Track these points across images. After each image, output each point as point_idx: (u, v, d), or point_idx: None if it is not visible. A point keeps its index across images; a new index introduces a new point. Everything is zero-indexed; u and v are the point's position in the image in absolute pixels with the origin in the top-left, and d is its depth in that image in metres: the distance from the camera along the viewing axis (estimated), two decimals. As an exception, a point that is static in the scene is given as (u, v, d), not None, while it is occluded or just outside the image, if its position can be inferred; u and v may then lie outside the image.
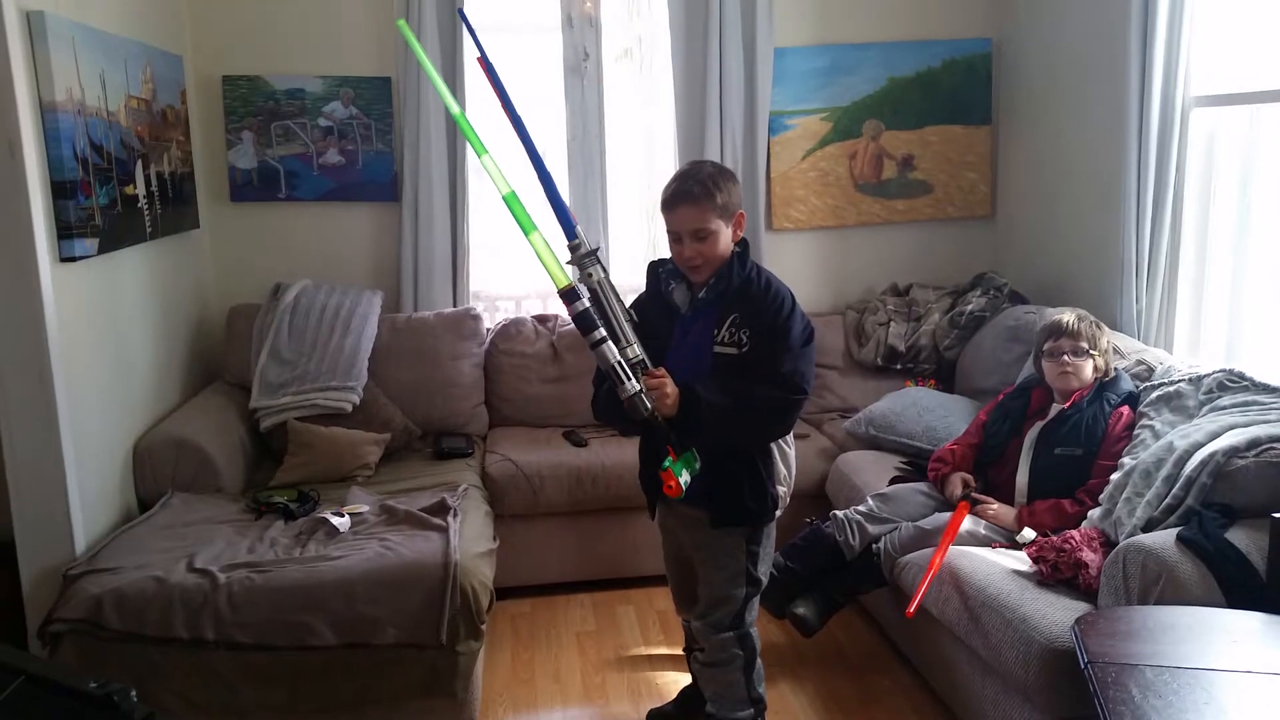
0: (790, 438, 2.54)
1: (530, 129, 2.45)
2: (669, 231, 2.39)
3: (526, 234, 2.27)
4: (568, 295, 2.23)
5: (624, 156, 4.46)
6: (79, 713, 1.09)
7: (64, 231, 2.83)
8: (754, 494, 2.40)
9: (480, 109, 4.23)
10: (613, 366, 2.19)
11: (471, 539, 2.91)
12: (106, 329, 3.16)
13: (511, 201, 2.26)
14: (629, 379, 2.20)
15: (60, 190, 2.81)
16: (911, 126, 4.46)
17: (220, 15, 4.03)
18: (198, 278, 4.05)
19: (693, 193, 2.31)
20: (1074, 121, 3.97)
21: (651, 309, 2.47)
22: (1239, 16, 3.24)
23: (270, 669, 2.62)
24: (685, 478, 2.25)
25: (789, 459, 2.56)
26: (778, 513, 2.49)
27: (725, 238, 2.35)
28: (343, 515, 3.02)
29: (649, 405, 2.21)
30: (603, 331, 2.21)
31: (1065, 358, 2.99)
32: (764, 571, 2.50)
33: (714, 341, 2.34)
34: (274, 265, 4.13)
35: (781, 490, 2.51)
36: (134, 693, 1.08)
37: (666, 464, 2.24)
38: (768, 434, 2.41)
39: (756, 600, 2.51)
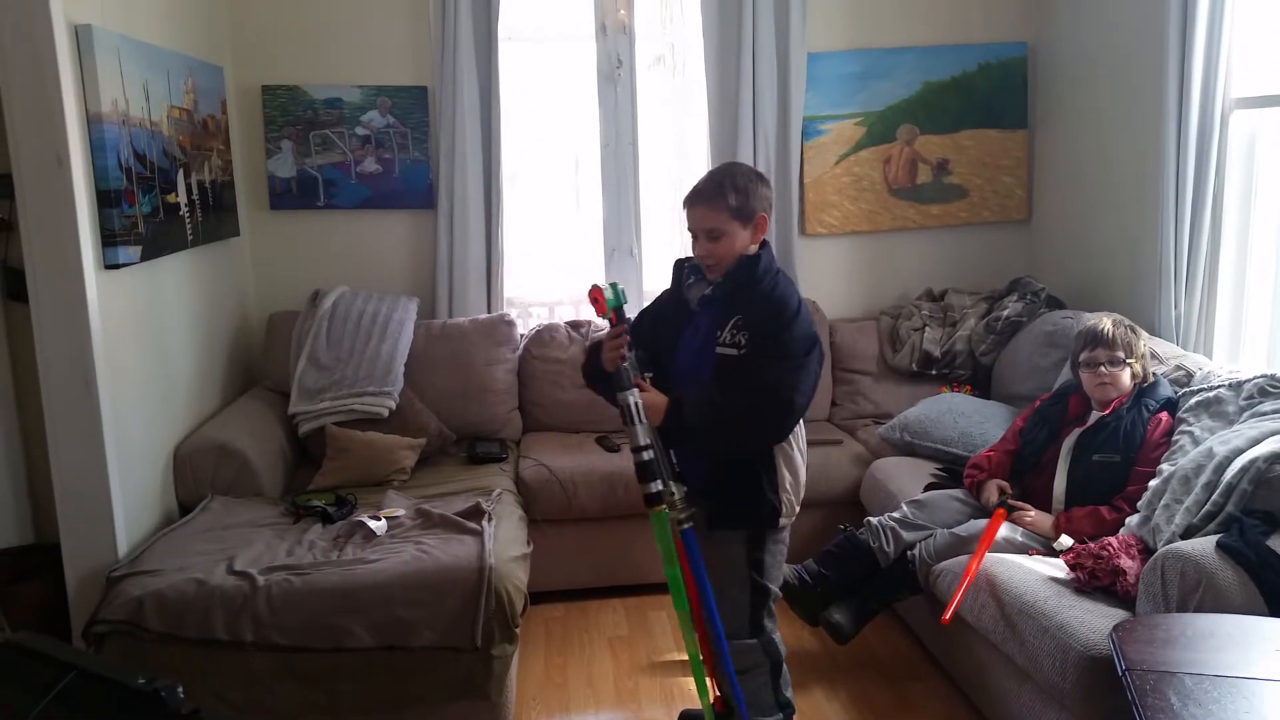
0: (799, 447, 2.46)
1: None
2: (689, 229, 2.44)
3: None
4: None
5: (657, 162, 4.48)
6: (128, 707, 1.11)
7: (108, 239, 2.88)
8: (752, 497, 2.39)
9: (515, 125, 4.28)
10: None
11: (506, 543, 2.93)
12: (149, 335, 3.21)
13: None
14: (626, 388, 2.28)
15: (105, 199, 2.87)
16: (946, 130, 4.44)
17: (260, 26, 4.10)
18: (238, 285, 4.11)
19: (706, 193, 2.36)
20: (1111, 124, 3.93)
21: (669, 304, 2.55)
22: (1280, 17, 3.21)
23: (308, 671, 2.65)
24: (609, 296, 2.32)
25: (796, 465, 2.45)
26: (782, 521, 2.43)
27: (741, 240, 2.36)
28: (379, 519, 3.05)
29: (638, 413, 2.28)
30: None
31: (1102, 369, 2.96)
32: (772, 579, 2.46)
33: (716, 341, 2.36)
34: (312, 272, 4.18)
35: (787, 498, 2.43)
36: (181, 689, 1.10)
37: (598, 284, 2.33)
38: (754, 444, 2.38)
39: (773, 606, 2.49)
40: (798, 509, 2.46)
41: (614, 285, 2.36)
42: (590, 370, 2.53)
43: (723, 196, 2.33)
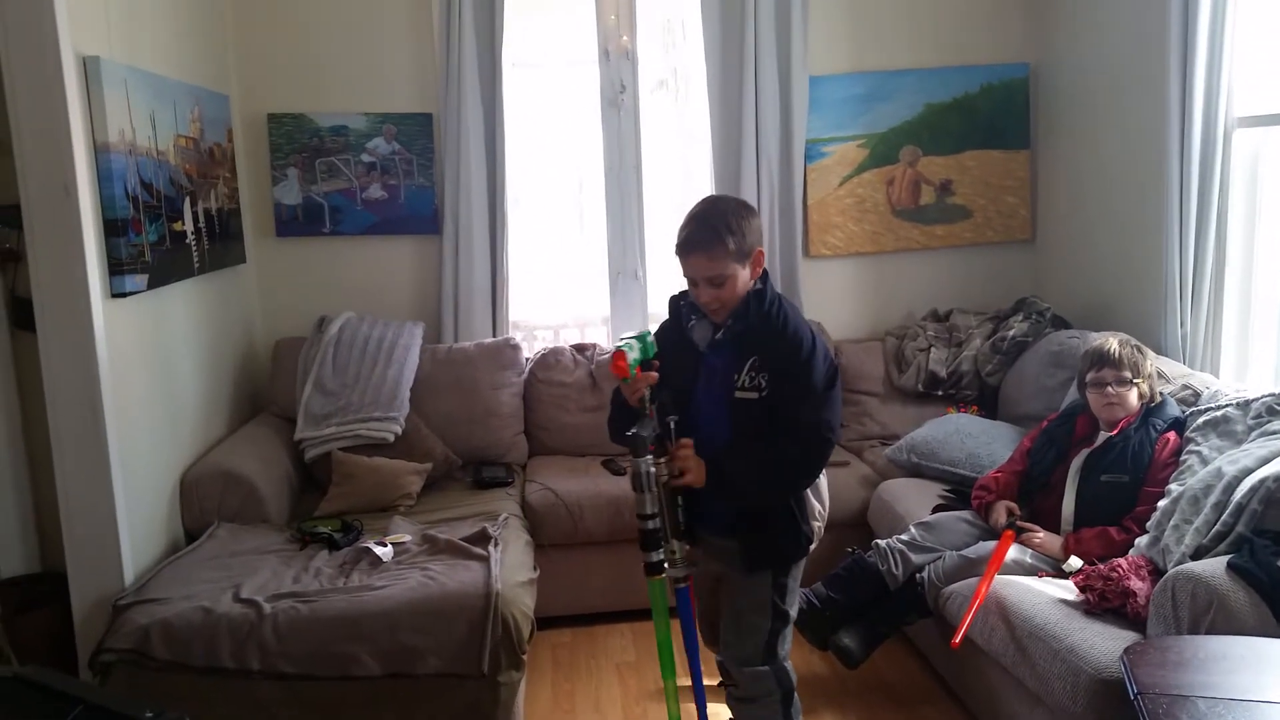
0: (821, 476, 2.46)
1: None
2: (686, 275, 2.33)
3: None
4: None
5: (661, 186, 4.50)
6: (134, 741, 1.11)
7: (115, 268, 2.90)
8: (787, 533, 2.35)
9: (520, 150, 4.30)
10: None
11: (512, 568, 2.92)
12: (155, 362, 3.22)
13: None
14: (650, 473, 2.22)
15: (112, 228, 2.89)
16: (949, 151, 4.45)
17: (266, 55, 4.13)
18: (244, 312, 4.12)
19: (704, 241, 2.23)
20: (1114, 144, 3.94)
21: (673, 343, 2.42)
22: (1281, 36, 3.22)
23: (315, 699, 2.64)
24: (634, 355, 2.21)
25: (821, 491, 2.49)
26: (811, 548, 2.43)
27: (743, 279, 2.26)
28: (386, 545, 3.05)
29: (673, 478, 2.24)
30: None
31: (1109, 389, 2.96)
32: (791, 604, 2.44)
33: (734, 387, 2.27)
34: (318, 298, 4.20)
35: (816, 525, 2.45)
36: (187, 721, 1.10)
37: (620, 344, 2.21)
38: (796, 488, 2.34)
39: (789, 633, 2.46)
40: (822, 533, 2.47)
41: (643, 336, 2.28)
42: (617, 427, 2.41)
43: (721, 242, 2.21)
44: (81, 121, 2.77)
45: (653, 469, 2.21)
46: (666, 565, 2.30)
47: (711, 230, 2.22)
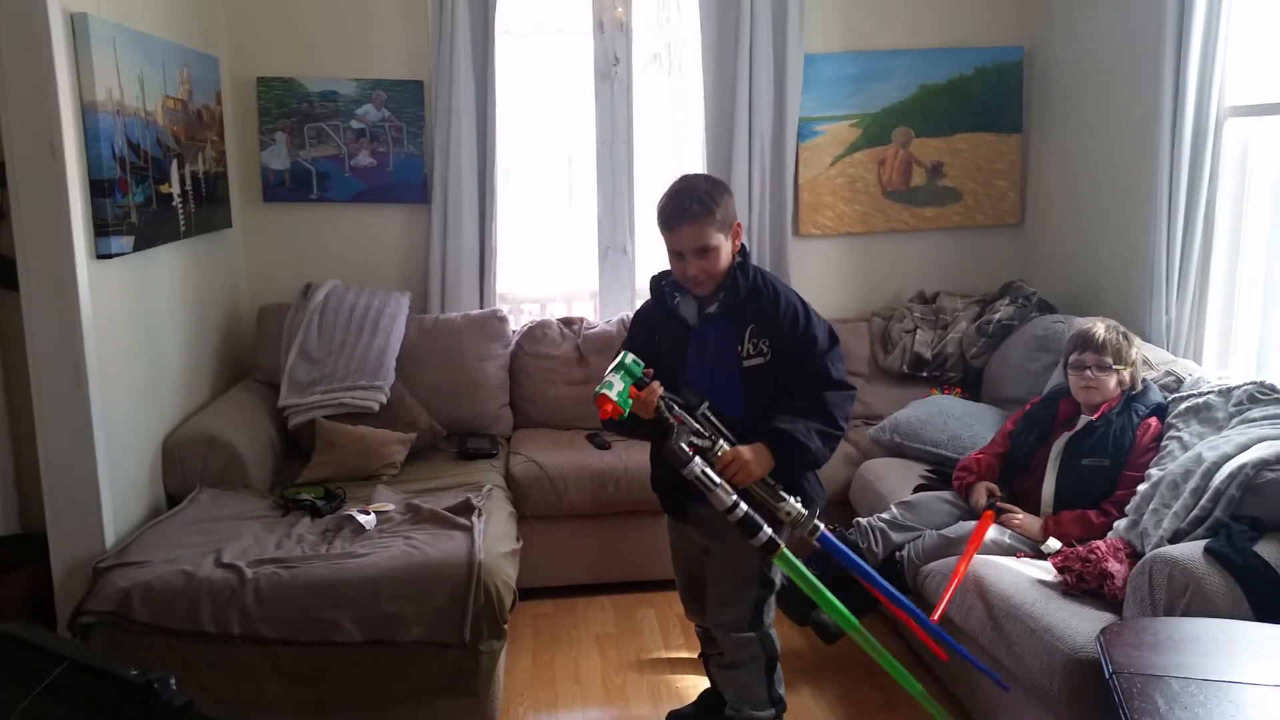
0: None
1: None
2: (670, 250, 2.39)
3: None
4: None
5: (652, 161, 4.48)
6: (120, 699, 1.11)
7: (101, 229, 2.87)
8: (817, 481, 2.51)
9: (511, 121, 4.27)
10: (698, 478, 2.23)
11: (495, 539, 2.93)
12: (139, 325, 3.20)
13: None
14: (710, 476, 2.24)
15: (98, 189, 2.86)
16: (941, 134, 4.45)
17: (256, 18, 4.09)
18: (229, 276, 4.10)
19: (693, 211, 2.30)
20: (1105, 130, 3.95)
21: (659, 322, 2.48)
22: (1275, 25, 3.22)
23: (296, 665, 2.64)
24: (619, 388, 2.21)
25: None
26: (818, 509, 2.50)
27: (726, 251, 2.36)
28: (369, 513, 3.05)
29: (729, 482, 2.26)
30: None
31: (1088, 372, 2.98)
32: (777, 573, 2.50)
33: (741, 356, 2.37)
34: (304, 265, 4.17)
35: (817, 492, 2.54)
36: (174, 681, 1.10)
37: (599, 389, 2.21)
38: (843, 436, 2.45)
39: (773, 602, 2.53)
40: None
41: (621, 361, 2.28)
42: (654, 449, 2.53)
43: (709, 212, 2.30)
44: (69, 79, 2.73)
45: (705, 470, 2.22)
46: (792, 528, 2.37)
47: (698, 202, 2.32)
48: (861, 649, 2.52)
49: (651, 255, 4.37)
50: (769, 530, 2.29)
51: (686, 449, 2.22)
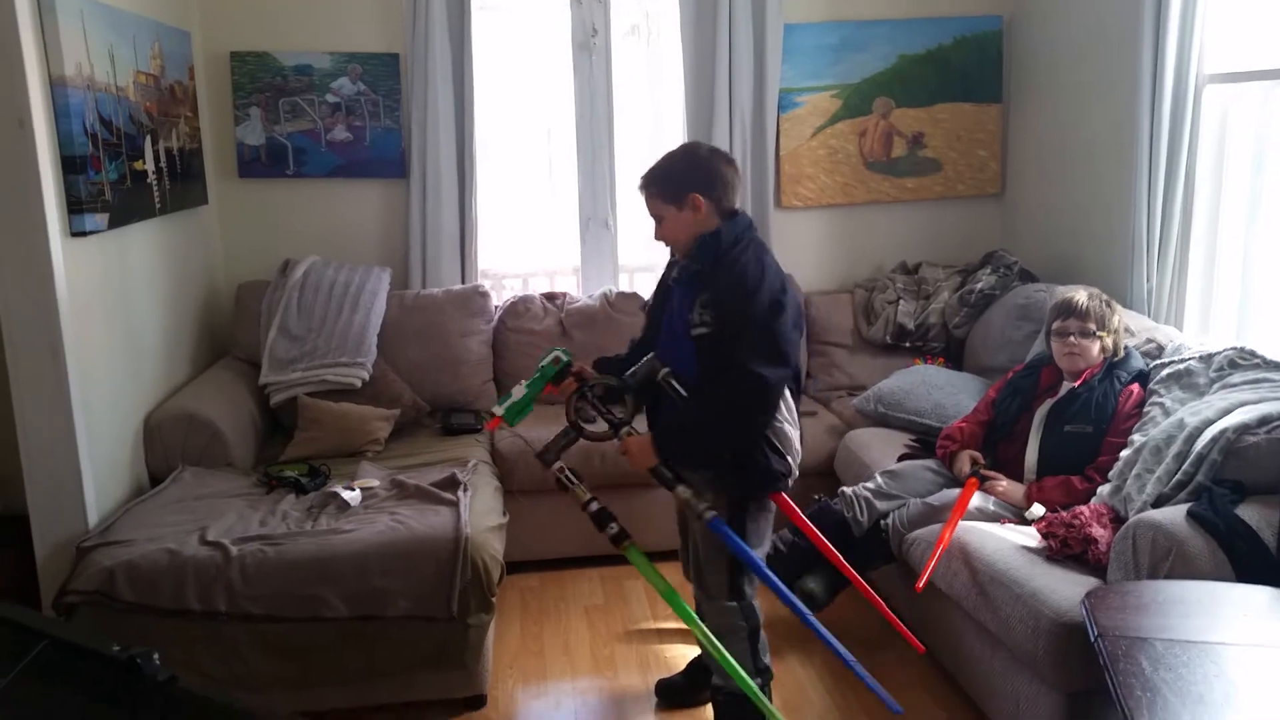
0: (787, 417, 2.47)
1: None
2: None
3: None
4: None
5: (633, 133, 4.45)
6: (103, 676, 1.10)
7: (74, 206, 2.83)
8: (734, 469, 2.42)
9: (488, 94, 4.23)
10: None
11: (482, 513, 2.92)
12: (116, 304, 3.16)
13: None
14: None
15: (70, 165, 2.81)
16: (922, 104, 4.44)
17: (228, -10, 4.02)
18: (206, 253, 4.05)
19: (643, 182, 2.49)
20: (1085, 99, 3.95)
21: (662, 278, 2.62)
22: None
23: (282, 641, 2.64)
24: (511, 401, 2.55)
25: (782, 435, 2.46)
26: (783, 484, 2.48)
27: (681, 221, 2.43)
28: (354, 489, 3.04)
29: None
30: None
31: (1071, 338, 2.99)
32: (756, 543, 2.48)
33: (690, 325, 2.39)
34: (282, 241, 4.13)
35: (777, 465, 2.45)
36: (157, 656, 1.09)
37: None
38: (744, 432, 2.38)
39: (752, 574, 2.52)
40: (792, 477, 2.49)
41: (542, 357, 2.59)
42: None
43: (653, 184, 2.46)
44: (35, 53, 2.68)
45: (566, 473, 2.51)
46: (690, 503, 2.40)
47: (649, 174, 2.49)
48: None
49: (634, 228, 4.35)
50: (616, 525, 2.43)
51: (554, 450, 2.53)
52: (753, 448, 2.40)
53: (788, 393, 2.45)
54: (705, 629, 2.38)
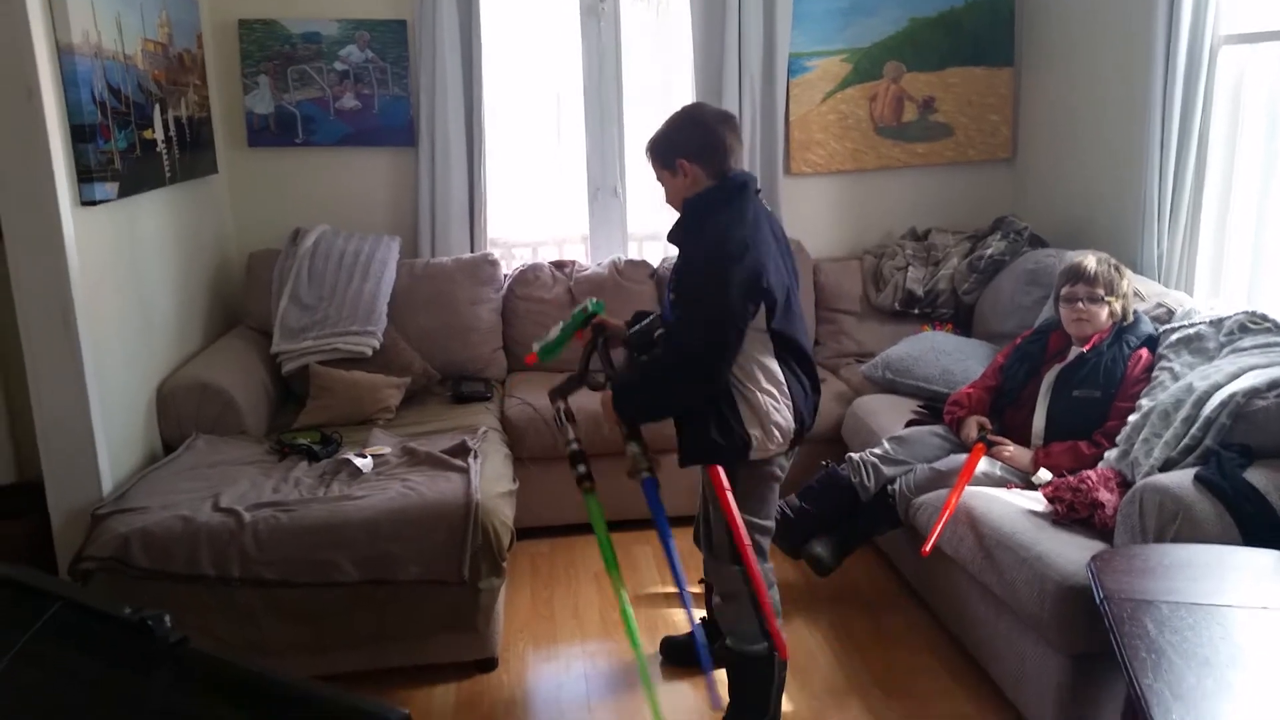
0: (764, 387, 2.37)
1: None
2: None
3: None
4: None
5: (642, 100, 4.42)
6: (115, 638, 1.12)
7: (84, 175, 2.84)
8: (720, 431, 2.35)
9: (497, 61, 4.20)
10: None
11: (492, 480, 2.94)
12: (128, 273, 3.18)
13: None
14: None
15: (79, 134, 2.81)
16: (933, 68, 4.40)
17: (234, -43, 4.00)
18: (217, 222, 4.06)
19: (647, 146, 2.49)
20: (1097, 62, 3.90)
21: None
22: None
23: (295, 605, 2.67)
24: (548, 339, 2.67)
25: (757, 404, 2.36)
26: (753, 455, 2.38)
27: (674, 186, 2.44)
28: (365, 456, 3.06)
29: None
30: None
31: (1080, 304, 2.98)
32: (752, 510, 2.44)
33: (670, 289, 2.45)
34: (292, 210, 4.13)
35: (755, 434, 2.37)
36: (168, 618, 1.11)
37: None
38: (684, 396, 2.36)
39: (765, 543, 2.52)
40: (773, 446, 2.40)
41: (584, 304, 2.66)
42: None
43: (650, 149, 2.47)
44: (42, 21, 2.68)
45: (562, 411, 2.66)
46: (635, 461, 2.47)
47: (650, 139, 2.48)
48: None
49: (643, 196, 4.34)
50: (583, 468, 2.55)
51: (560, 390, 2.68)
52: (695, 416, 2.36)
53: (774, 362, 2.37)
54: (623, 586, 2.54)
